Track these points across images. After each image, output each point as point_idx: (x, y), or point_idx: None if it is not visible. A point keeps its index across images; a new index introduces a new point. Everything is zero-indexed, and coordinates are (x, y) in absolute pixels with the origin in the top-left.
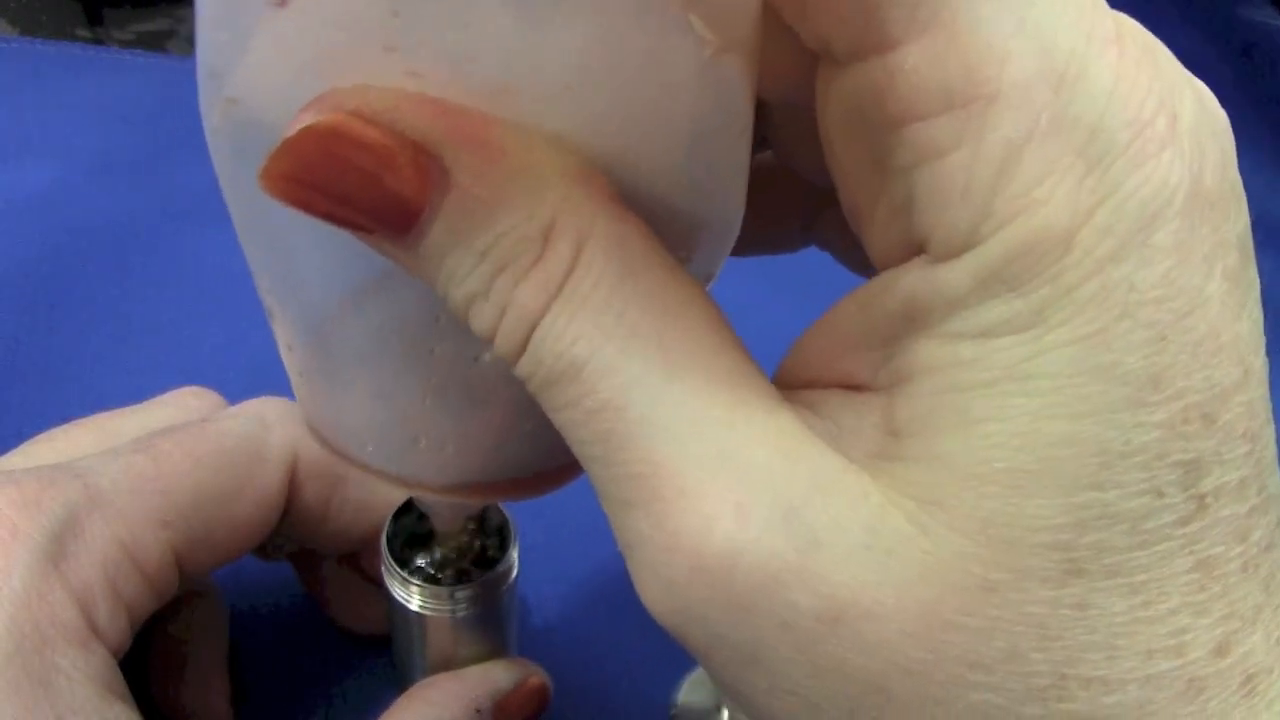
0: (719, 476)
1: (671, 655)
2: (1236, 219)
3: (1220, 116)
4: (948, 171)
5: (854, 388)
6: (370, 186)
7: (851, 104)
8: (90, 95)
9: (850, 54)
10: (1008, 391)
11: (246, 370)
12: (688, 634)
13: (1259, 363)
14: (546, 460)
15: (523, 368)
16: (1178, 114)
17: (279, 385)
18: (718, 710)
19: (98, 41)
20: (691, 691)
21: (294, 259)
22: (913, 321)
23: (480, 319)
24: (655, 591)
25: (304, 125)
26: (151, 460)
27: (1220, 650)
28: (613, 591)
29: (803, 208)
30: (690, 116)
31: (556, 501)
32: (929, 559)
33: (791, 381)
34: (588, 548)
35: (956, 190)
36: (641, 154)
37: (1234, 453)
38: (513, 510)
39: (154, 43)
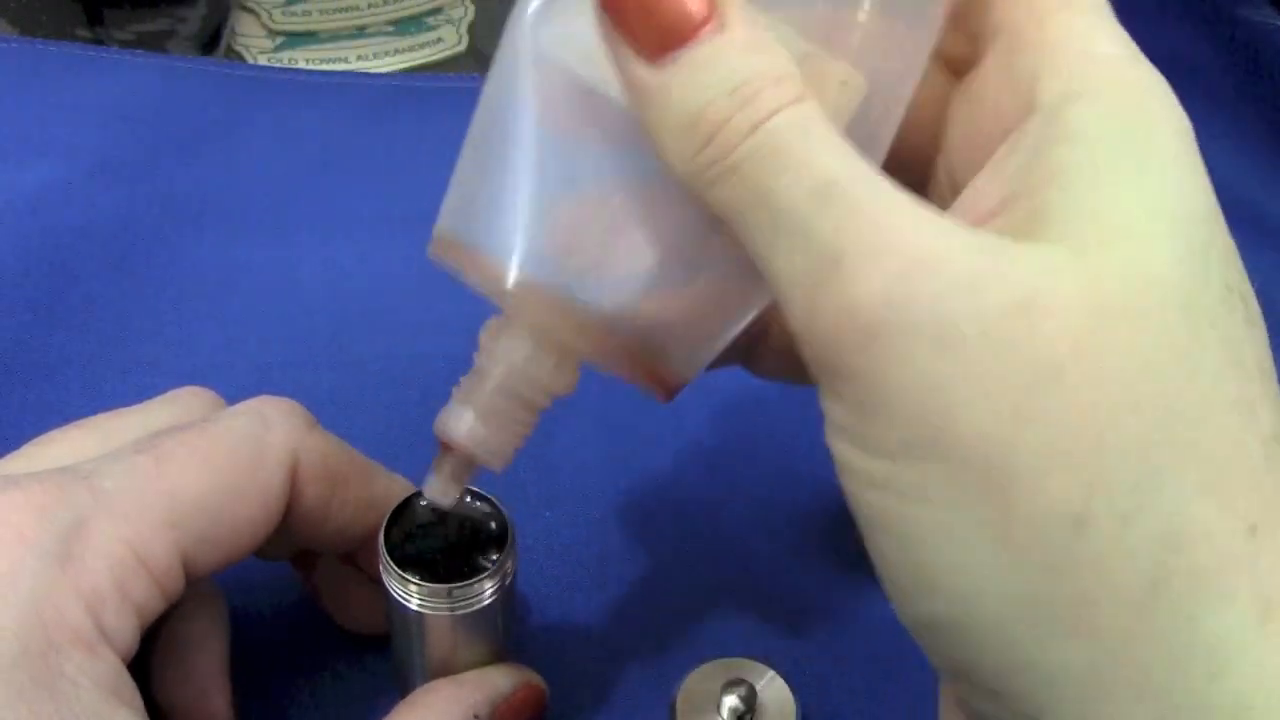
0: (920, 211)
1: (671, 655)
2: None
3: None
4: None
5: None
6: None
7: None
8: (90, 95)
9: None
10: (1136, 155)
11: (246, 370)
12: (890, 321)
13: None
14: (667, 352)
15: (745, 148)
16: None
17: (279, 385)
18: (717, 709)
19: (98, 41)
20: (691, 691)
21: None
22: (1044, 146)
23: (717, 111)
24: (871, 284)
25: None
26: (155, 461)
27: None
28: (613, 591)
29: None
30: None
31: (556, 502)
32: (1094, 272)
33: None
34: (588, 547)
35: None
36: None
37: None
38: (513, 510)
39: (154, 43)
